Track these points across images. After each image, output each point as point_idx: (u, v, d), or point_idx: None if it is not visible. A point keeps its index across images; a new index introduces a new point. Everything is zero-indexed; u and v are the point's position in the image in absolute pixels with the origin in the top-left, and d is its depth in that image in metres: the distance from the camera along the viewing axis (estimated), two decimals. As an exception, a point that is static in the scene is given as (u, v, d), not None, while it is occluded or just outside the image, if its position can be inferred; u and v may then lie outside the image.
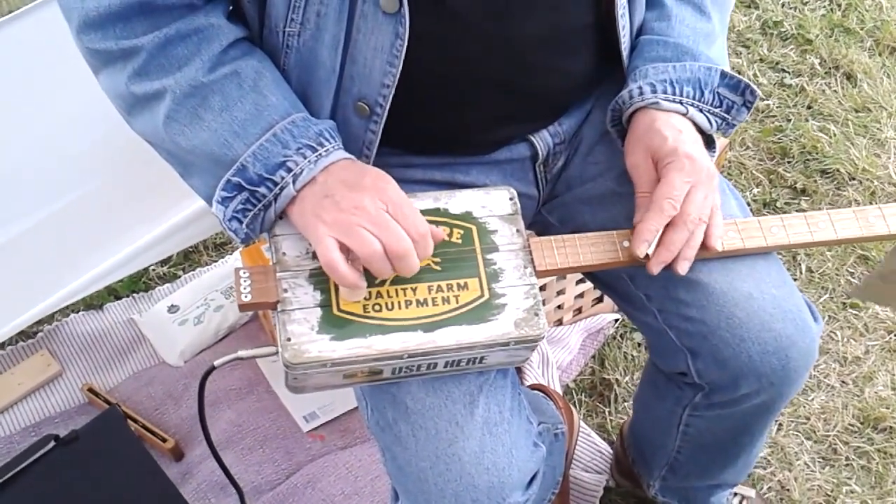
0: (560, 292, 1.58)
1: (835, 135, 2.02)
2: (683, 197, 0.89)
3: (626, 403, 1.59)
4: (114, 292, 1.75)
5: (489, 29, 0.90)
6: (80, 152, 1.52)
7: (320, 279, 0.86)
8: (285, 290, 0.85)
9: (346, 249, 0.81)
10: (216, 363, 0.90)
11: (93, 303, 1.73)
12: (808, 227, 0.98)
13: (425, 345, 0.84)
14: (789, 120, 2.07)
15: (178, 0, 0.84)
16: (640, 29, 1.02)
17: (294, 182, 0.83)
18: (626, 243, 0.94)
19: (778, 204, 1.90)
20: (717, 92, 0.97)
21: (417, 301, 0.86)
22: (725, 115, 0.98)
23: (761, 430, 1.13)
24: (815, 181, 1.94)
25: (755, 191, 1.92)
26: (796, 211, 1.83)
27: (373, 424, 0.96)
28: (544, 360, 1.60)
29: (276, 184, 0.83)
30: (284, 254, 0.87)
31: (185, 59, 0.85)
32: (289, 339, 0.83)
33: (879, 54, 2.23)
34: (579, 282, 1.59)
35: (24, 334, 1.65)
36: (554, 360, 1.60)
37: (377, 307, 0.85)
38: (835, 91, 2.14)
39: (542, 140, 1.04)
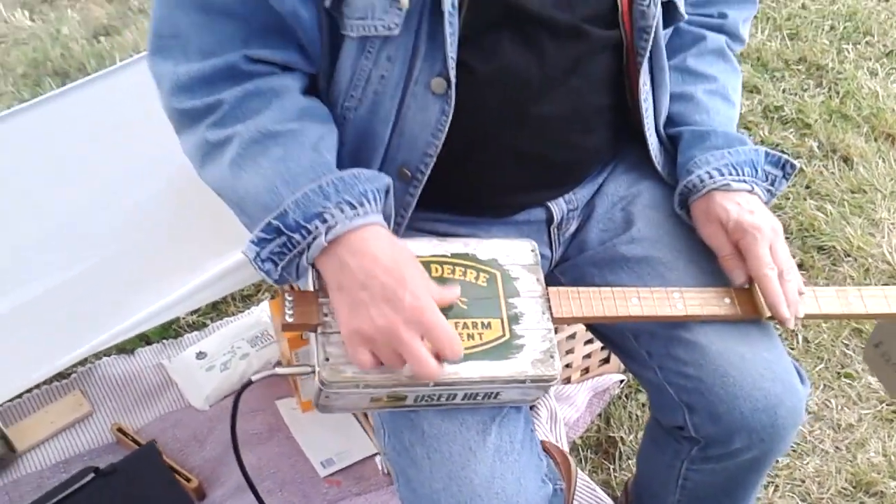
0: (569, 351, 1.67)
1: (831, 214, 2.14)
2: (773, 259, 1.02)
3: (630, 461, 1.66)
4: (145, 338, 1.85)
5: (519, 109, 1.02)
6: (123, 209, 1.64)
7: None
8: (325, 315, 0.94)
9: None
10: (254, 378, 0.98)
11: (124, 347, 1.82)
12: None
13: (450, 375, 0.93)
14: (788, 199, 2.18)
15: (260, 67, 0.96)
16: (674, 120, 1.15)
17: (326, 234, 0.90)
18: (634, 300, 1.04)
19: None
20: (764, 168, 1.10)
21: None
22: (770, 188, 1.11)
23: (754, 485, 1.21)
24: (813, 257, 2.04)
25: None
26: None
27: (389, 449, 1.04)
28: (553, 416, 1.68)
29: (309, 232, 0.91)
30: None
31: (257, 111, 0.96)
32: (327, 359, 0.91)
33: (875, 139, 2.36)
34: (587, 342, 1.69)
35: (59, 375, 1.74)
36: (562, 417, 1.69)
37: None
38: (832, 173, 2.26)
39: (558, 206, 1.15)
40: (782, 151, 2.27)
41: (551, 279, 1.20)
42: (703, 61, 1.18)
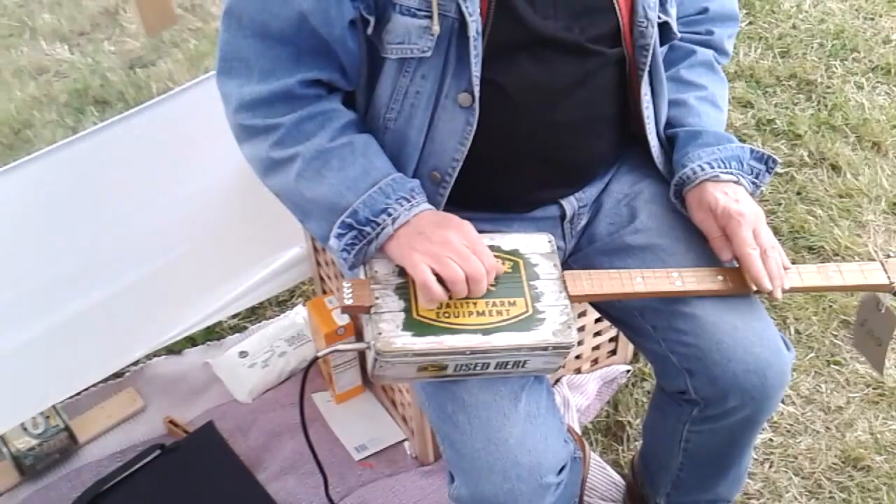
0: (579, 343, 1.83)
1: (821, 217, 2.30)
2: (756, 241, 1.18)
3: (636, 442, 1.81)
4: (191, 340, 2.01)
5: (537, 117, 1.20)
6: (170, 229, 1.80)
7: (403, 291, 1.12)
8: (377, 298, 1.12)
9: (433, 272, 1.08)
10: (319, 353, 1.17)
11: (173, 348, 1.99)
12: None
13: (483, 344, 1.10)
14: (780, 204, 2.34)
15: (310, 91, 1.15)
16: (670, 122, 1.32)
17: (393, 224, 1.11)
18: (638, 279, 1.20)
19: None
20: (749, 163, 1.27)
21: (477, 312, 1.12)
22: (755, 180, 1.28)
23: (746, 445, 1.37)
24: (803, 256, 2.20)
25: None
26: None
27: (435, 419, 1.21)
28: (566, 403, 1.84)
29: (378, 224, 1.11)
30: (376, 272, 1.14)
31: (313, 133, 1.14)
32: (380, 333, 1.08)
33: (861, 148, 2.52)
34: (596, 334, 1.85)
35: (114, 374, 1.91)
36: (574, 404, 1.84)
37: (447, 315, 1.11)
38: (821, 180, 2.42)
39: (570, 203, 1.32)
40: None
41: (565, 267, 1.36)
42: (694, 72, 1.36)
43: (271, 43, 1.14)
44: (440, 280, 1.08)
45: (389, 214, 1.12)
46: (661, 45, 1.27)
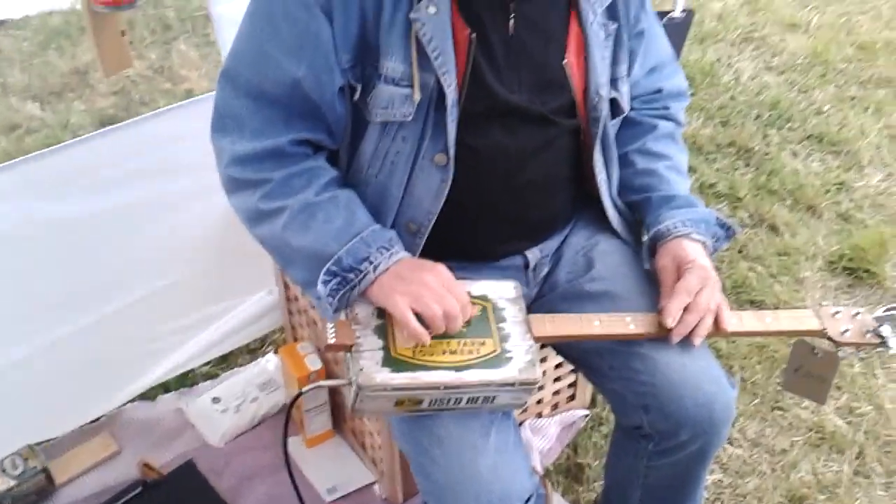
0: (540, 388, 1.94)
1: (761, 273, 2.46)
2: (695, 292, 1.28)
3: (595, 483, 1.91)
4: (164, 386, 2.07)
5: (504, 177, 1.32)
6: (141, 264, 1.87)
7: (382, 331, 1.22)
8: (358, 337, 1.21)
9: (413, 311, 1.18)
10: (303, 389, 1.26)
11: (147, 394, 2.04)
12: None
13: (456, 380, 1.19)
14: (723, 261, 2.50)
15: (299, 149, 1.26)
16: (643, 189, 1.45)
17: (374, 270, 1.21)
18: (596, 322, 1.32)
19: (716, 327, 2.30)
20: (713, 228, 1.40)
21: (450, 351, 1.22)
22: (715, 243, 1.41)
23: (699, 478, 1.48)
24: (745, 309, 2.34)
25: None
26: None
27: (411, 452, 1.30)
28: (528, 446, 1.94)
29: (361, 271, 1.21)
30: (357, 313, 1.24)
31: (301, 188, 1.25)
32: (361, 369, 1.18)
33: (798, 210, 2.71)
34: (556, 380, 1.96)
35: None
36: (536, 447, 1.94)
37: (422, 353, 1.21)
38: (761, 239, 2.60)
39: (533, 254, 1.44)
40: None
41: (529, 312, 1.48)
42: (660, 144, 1.51)
43: (264, 104, 1.25)
44: (419, 319, 1.18)
45: (371, 262, 1.22)
46: (613, 118, 1.42)
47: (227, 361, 2.17)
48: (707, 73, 3.32)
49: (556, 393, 1.99)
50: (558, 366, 1.93)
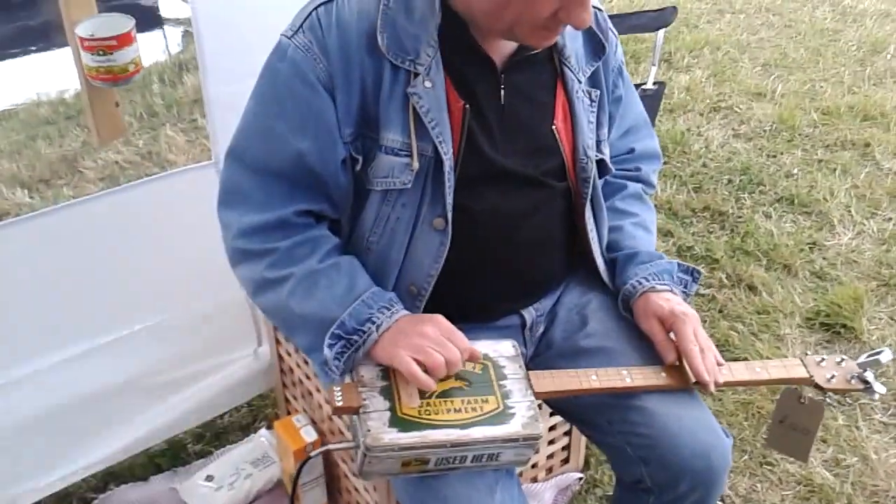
0: (535, 450, 1.95)
1: (742, 332, 2.51)
2: (695, 338, 1.36)
3: (593, 545, 1.92)
4: (157, 466, 2.06)
5: (500, 238, 1.38)
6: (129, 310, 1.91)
7: (388, 392, 1.25)
8: (364, 399, 1.24)
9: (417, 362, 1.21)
10: (311, 454, 1.27)
11: (139, 475, 2.03)
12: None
13: (462, 437, 1.22)
14: (705, 321, 2.56)
15: (302, 220, 1.31)
16: (610, 246, 1.52)
17: (377, 330, 1.25)
18: (594, 377, 1.36)
19: (703, 386, 2.34)
20: (678, 275, 1.47)
21: (455, 409, 1.25)
22: (685, 290, 1.48)
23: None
24: (731, 367, 2.39)
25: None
26: (717, 391, 2.27)
27: None
28: (525, 510, 1.94)
29: (364, 332, 1.25)
30: (363, 376, 1.27)
31: (305, 256, 1.30)
32: (369, 430, 1.20)
33: (774, 270, 2.79)
34: (550, 442, 1.97)
35: (83, 500, 1.94)
36: (532, 511, 1.95)
37: (427, 412, 1.24)
38: (740, 299, 2.66)
39: (529, 313, 1.49)
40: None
41: (527, 370, 1.52)
42: (627, 203, 1.57)
43: (270, 178, 1.31)
44: (424, 369, 1.22)
45: (373, 322, 1.26)
46: (600, 177, 1.49)
47: (219, 439, 2.17)
48: (678, 141, 3.43)
49: (550, 456, 2.01)
50: (552, 428, 1.95)
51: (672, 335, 1.40)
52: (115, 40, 1.73)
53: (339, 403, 1.24)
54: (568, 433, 2.04)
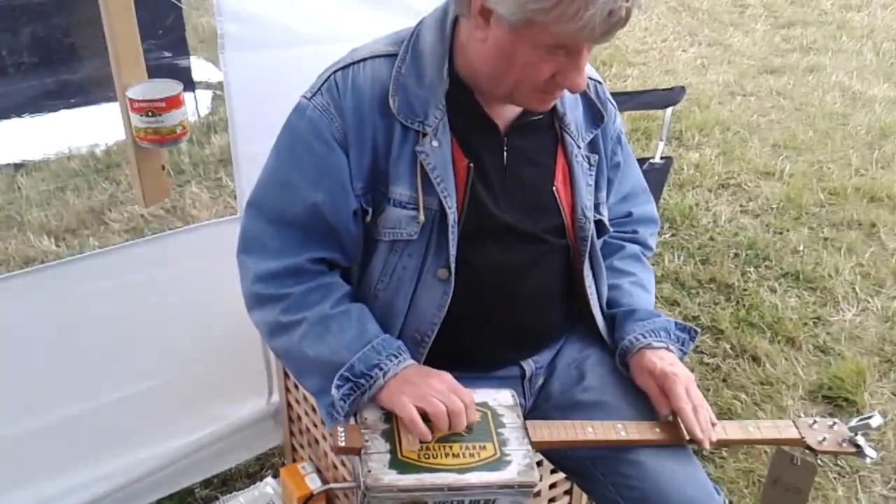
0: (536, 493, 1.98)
1: (745, 402, 2.55)
2: (688, 397, 1.40)
3: None
4: (165, 513, 2.11)
5: (500, 290, 1.45)
6: (145, 363, 1.98)
7: (389, 435, 1.31)
8: (366, 440, 1.29)
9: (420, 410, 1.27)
10: (314, 491, 1.32)
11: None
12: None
13: (459, 482, 1.27)
14: (709, 390, 2.60)
15: (315, 267, 1.39)
16: (609, 303, 1.58)
17: (384, 376, 1.32)
18: (589, 429, 1.41)
19: (703, 453, 2.36)
20: (675, 333, 1.53)
21: (453, 454, 1.30)
22: (682, 347, 1.53)
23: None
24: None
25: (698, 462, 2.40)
26: (718, 458, 2.30)
27: None
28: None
29: (372, 377, 1.32)
30: (366, 418, 1.33)
31: (317, 301, 1.37)
32: (369, 471, 1.25)
33: (777, 342, 2.83)
34: (551, 501, 2.00)
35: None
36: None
37: (427, 456, 1.29)
38: (744, 369, 2.70)
39: (528, 365, 1.55)
40: (702, 352, 2.76)
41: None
42: (625, 263, 1.65)
43: (285, 227, 1.39)
44: (425, 420, 1.27)
45: (381, 368, 1.33)
46: (598, 237, 1.57)
47: (226, 485, 2.21)
48: (687, 215, 3.52)
49: (551, 512, 2.03)
50: (552, 486, 1.98)
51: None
52: (163, 102, 1.79)
53: (342, 444, 1.30)
54: (569, 492, 2.07)
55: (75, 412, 1.89)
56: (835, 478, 2.29)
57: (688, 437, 1.43)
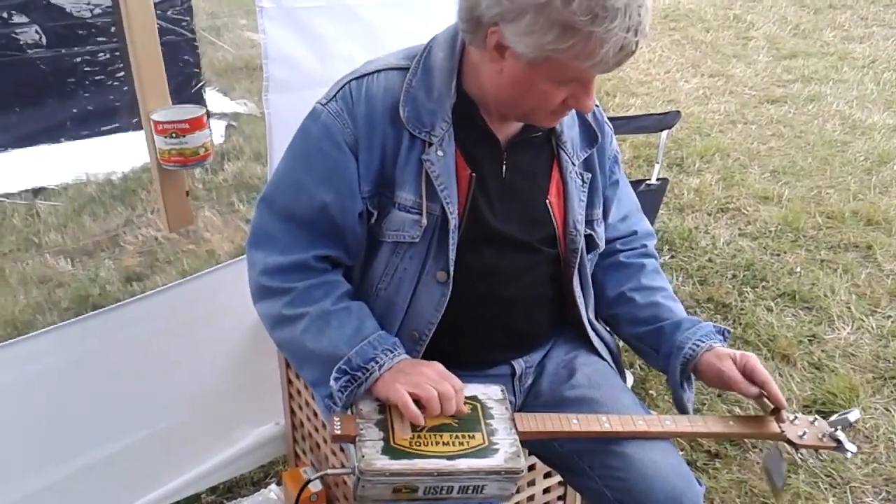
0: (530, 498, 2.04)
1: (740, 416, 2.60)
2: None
3: None
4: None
5: (495, 293, 1.54)
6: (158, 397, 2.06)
7: (383, 424, 1.38)
8: (361, 429, 1.37)
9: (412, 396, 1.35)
10: (312, 477, 1.39)
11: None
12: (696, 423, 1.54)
13: (448, 468, 1.34)
14: (704, 404, 2.65)
15: (320, 264, 1.48)
16: (650, 321, 1.65)
17: (379, 369, 1.39)
18: (574, 421, 1.48)
19: (698, 464, 2.42)
20: (719, 333, 1.60)
21: (443, 442, 1.38)
22: (722, 343, 1.60)
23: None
24: (726, 447, 2.48)
25: (680, 453, 2.45)
26: (711, 469, 2.36)
27: None
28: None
29: (368, 370, 1.39)
30: (361, 409, 1.40)
31: (319, 298, 1.46)
32: (363, 456, 1.33)
33: (773, 360, 2.89)
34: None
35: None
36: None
37: (418, 443, 1.37)
38: (740, 385, 2.75)
39: (519, 364, 1.63)
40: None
41: (514, 415, 1.65)
42: (650, 278, 1.72)
43: (294, 225, 1.48)
44: (418, 406, 1.35)
45: (377, 362, 1.41)
46: (588, 252, 1.66)
47: (231, 492, 2.28)
48: (686, 238, 3.59)
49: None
50: (546, 490, 2.04)
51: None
52: (187, 123, 1.83)
53: (338, 431, 1.37)
54: (562, 498, 2.13)
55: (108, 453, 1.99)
56: (826, 489, 2.34)
57: (771, 407, 1.54)
